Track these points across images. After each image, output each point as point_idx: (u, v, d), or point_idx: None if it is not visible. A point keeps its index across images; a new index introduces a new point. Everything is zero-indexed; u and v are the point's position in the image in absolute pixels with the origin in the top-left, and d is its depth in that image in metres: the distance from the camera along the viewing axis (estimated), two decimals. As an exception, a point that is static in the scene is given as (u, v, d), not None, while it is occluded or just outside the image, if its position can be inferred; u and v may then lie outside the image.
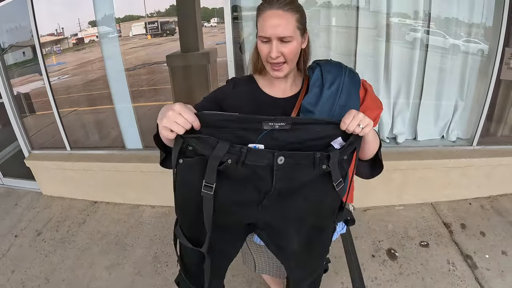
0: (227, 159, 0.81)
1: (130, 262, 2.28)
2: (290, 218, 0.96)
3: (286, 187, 0.88)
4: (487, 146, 2.75)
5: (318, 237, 1.06)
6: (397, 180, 2.65)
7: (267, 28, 0.94)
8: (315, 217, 0.98)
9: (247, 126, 0.84)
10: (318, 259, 1.15)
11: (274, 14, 0.94)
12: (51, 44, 2.99)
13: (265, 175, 0.85)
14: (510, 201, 2.76)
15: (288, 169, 0.85)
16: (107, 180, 2.86)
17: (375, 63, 2.59)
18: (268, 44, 0.97)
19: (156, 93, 3.65)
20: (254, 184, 0.87)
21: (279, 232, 0.99)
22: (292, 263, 1.11)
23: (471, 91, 2.74)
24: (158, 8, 3.23)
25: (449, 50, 2.65)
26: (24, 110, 3.20)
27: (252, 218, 0.95)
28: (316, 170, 0.88)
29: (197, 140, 0.81)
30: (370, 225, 2.53)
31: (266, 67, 1.03)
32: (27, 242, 2.54)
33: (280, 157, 0.83)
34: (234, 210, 0.92)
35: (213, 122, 0.82)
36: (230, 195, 0.88)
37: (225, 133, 0.82)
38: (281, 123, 0.83)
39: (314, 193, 0.93)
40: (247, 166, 0.83)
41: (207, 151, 0.81)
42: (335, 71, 1.04)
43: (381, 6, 2.46)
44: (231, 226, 0.98)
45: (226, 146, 0.80)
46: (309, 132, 0.87)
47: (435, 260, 2.19)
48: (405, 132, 2.82)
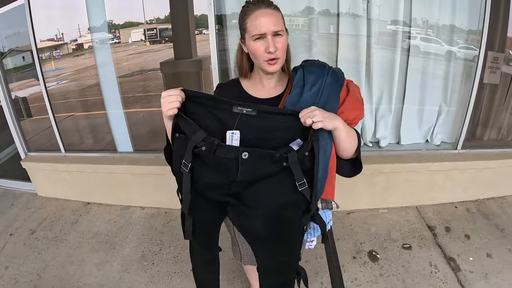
0: (201, 146, 0.97)
1: (119, 259, 2.35)
2: (255, 202, 1.06)
3: (250, 180, 1.01)
4: (472, 150, 2.77)
5: (285, 229, 1.12)
6: (381, 183, 2.67)
7: (261, 25, 1.02)
8: (278, 206, 1.06)
9: (219, 106, 1.00)
10: (285, 253, 1.19)
11: (265, 12, 1.03)
12: (50, 49, 3.08)
13: (232, 167, 0.98)
14: (497, 205, 2.78)
15: (252, 163, 0.97)
16: (99, 181, 2.94)
17: (356, 68, 2.64)
18: (262, 41, 1.04)
19: (151, 100, 3.73)
20: (223, 172, 1.00)
21: (244, 214, 1.08)
22: (259, 248, 1.19)
23: (455, 95, 2.78)
24: (157, 15, 3.31)
25: (431, 54, 2.69)
26: (22, 114, 3.30)
27: (223, 198, 1.07)
28: (278, 165, 0.97)
29: (184, 122, 0.98)
30: (353, 227, 2.55)
31: (262, 65, 1.09)
32: (22, 240, 2.62)
33: (244, 152, 0.96)
34: (208, 187, 1.06)
35: (193, 97, 1.00)
36: (203, 176, 1.03)
37: (209, 118, 1.00)
38: (248, 108, 0.98)
39: (278, 182, 1.01)
40: (217, 156, 0.97)
41: (189, 134, 0.98)
42: (317, 72, 1.10)
43: (361, 12, 2.52)
44: (208, 198, 1.09)
45: (202, 135, 0.96)
46: (275, 121, 0.98)
47: (417, 262, 2.21)
48: (388, 136, 2.85)
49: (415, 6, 2.53)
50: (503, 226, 2.52)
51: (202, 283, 1.46)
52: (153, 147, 3.04)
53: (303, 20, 2.56)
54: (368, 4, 2.49)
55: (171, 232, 2.60)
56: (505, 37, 2.70)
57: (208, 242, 1.28)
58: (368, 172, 2.60)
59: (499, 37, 2.68)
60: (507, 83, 2.85)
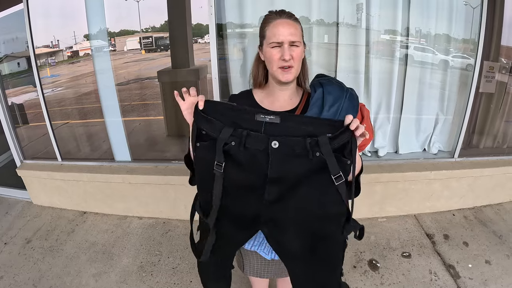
0: (231, 141, 0.93)
1: (116, 270, 2.32)
2: (290, 215, 0.98)
3: (283, 175, 0.94)
4: (469, 158, 2.81)
5: (323, 244, 1.03)
6: (379, 192, 2.69)
7: (280, 34, 1.05)
8: (317, 220, 0.99)
9: (241, 116, 0.96)
10: (326, 271, 1.09)
11: (285, 22, 1.07)
12: (46, 56, 3.06)
13: (262, 160, 0.93)
14: (494, 211, 2.81)
15: (283, 155, 0.92)
16: (96, 191, 2.91)
17: (355, 78, 2.67)
18: (279, 49, 1.06)
19: (148, 108, 3.71)
20: (253, 169, 0.95)
21: (279, 228, 1.02)
22: (297, 268, 1.09)
23: (452, 104, 2.81)
24: (153, 24, 3.30)
25: (428, 64, 2.73)
26: (17, 121, 3.26)
27: (254, 207, 0.99)
28: (311, 157, 0.91)
29: (207, 124, 0.97)
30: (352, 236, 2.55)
31: (276, 74, 1.10)
32: (17, 249, 2.58)
33: (274, 141, 0.91)
34: (240, 194, 0.99)
35: (216, 108, 0.99)
36: (235, 177, 0.97)
37: (231, 124, 0.95)
38: (271, 116, 0.93)
39: (313, 189, 0.94)
40: (248, 149, 0.93)
41: (215, 134, 0.95)
42: (336, 93, 1.09)
43: (360, 22, 2.55)
44: (238, 214, 1.03)
45: (230, 130, 0.93)
46: (298, 130, 0.92)
47: (417, 270, 2.22)
48: (386, 145, 2.87)
49: (413, 17, 2.57)
50: (500, 233, 2.55)
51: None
52: (151, 156, 3.02)
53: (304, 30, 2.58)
54: (367, 14, 2.52)
55: (169, 243, 2.57)
56: (499, 46, 2.75)
57: (223, 259, 1.19)
58: (366, 182, 2.60)
59: (494, 47, 2.73)
60: (502, 91, 2.90)
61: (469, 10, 2.59)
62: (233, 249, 1.17)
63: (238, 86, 2.61)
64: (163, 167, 2.83)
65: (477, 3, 2.52)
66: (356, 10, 2.53)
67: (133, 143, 3.06)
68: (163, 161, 2.90)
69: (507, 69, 2.87)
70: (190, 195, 2.81)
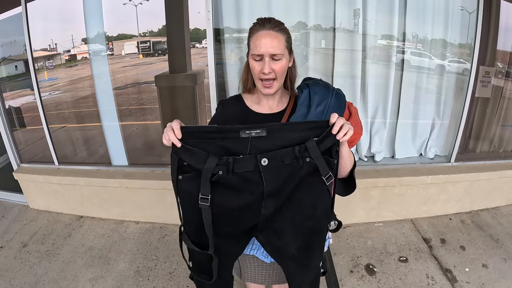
0: (218, 171, 0.89)
1: (113, 275, 2.31)
2: (286, 222, 0.99)
3: (278, 188, 0.93)
4: (465, 162, 2.82)
5: (316, 241, 1.08)
6: (376, 197, 2.69)
7: (261, 46, 1.04)
8: (311, 220, 1.01)
9: (226, 135, 0.91)
10: (316, 261, 1.15)
11: (267, 34, 1.05)
12: (43, 59, 3.06)
13: (256, 178, 0.92)
14: (491, 215, 2.82)
15: (275, 169, 0.91)
16: (93, 195, 2.90)
17: (352, 83, 2.68)
18: (260, 62, 1.06)
19: (145, 113, 3.71)
20: (248, 189, 0.93)
21: (276, 234, 1.02)
22: (292, 267, 1.11)
23: (448, 108, 2.83)
24: (151, 28, 3.31)
25: (424, 69, 2.75)
26: (14, 124, 3.25)
27: (250, 222, 0.99)
28: (301, 164, 0.92)
29: (188, 155, 0.90)
30: (349, 241, 2.56)
31: (258, 84, 1.11)
32: (13, 253, 2.56)
33: (263, 159, 0.90)
34: (233, 215, 0.97)
35: (196, 134, 0.91)
36: (227, 203, 0.94)
37: (216, 148, 0.90)
38: (257, 130, 0.90)
39: (306, 193, 0.97)
40: (237, 174, 0.90)
41: (199, 165, 0.89)
42: (323, 92, 1.11)
43: (357, 28, 2.57)
44: (233, 231, 1.01)
45: (215, 159, 0.88)
46: (285, 138, 0.92)
47: (414, 274, 2.22)
48: (382, 150, 2.88)
49: (409, 22, 2.59)
50: (497, 237, 2.56)
51: None
52: (148, 161, 3.01)
53: (300, 35, 2.60)
54: (364, 19, 2.53)
55: (166, 248, 2.57)
56: (495, 51, 2.77)
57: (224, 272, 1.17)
58: (363, 186, 2.62)
59: (490, 52, 2.75)
60: (498, 96, 2.92)
61: (465, 15, 2.61)
62: (231, 261, 1.15)
63: (235, 91, 2.60)
64: (160, 172, 2.83)
65: (473, 8, 2.55)
66: (353, 15, 2.54)
67: (130, 148, 3.06)
68: (160, 166, 2.90)
69: (503, 74, 2.89)
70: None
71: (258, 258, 1.29)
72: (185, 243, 1.06)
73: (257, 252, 1.27)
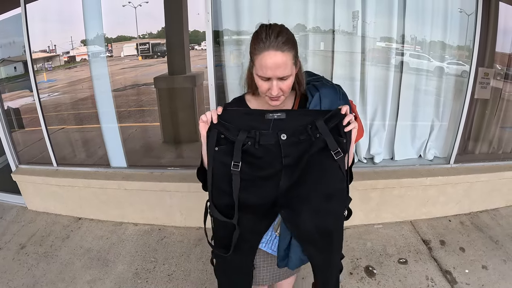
0: (248, 141, 1.07)
1: (111, 277, 2.30)
2: (302, 197, 1.11)
3: (295, 161, 1.09)
4: (464, 164, 2.82)
5: (333, 224, 1.18)
6: (375, 199, 2.69)
7: (267, 70, 1.00)
8: (325, 198, 1.12)
9: (254, 116, 1.10)
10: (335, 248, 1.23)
11: (273, 56, 0.98)
12: (42, 60, 3.06)
13: (276, 151, 1.07)
14: (490, 217, 2.82)
15: (292, 144, 1.08)
16: (91, 197, 2.89)
17: (351, 85, 2.68)
18: (267, 82, 1.04)
19: (144, 114, 3.71)
20: (270, 160, 1.09)
21: (294, 210, 1.14)
22: (312, 249, 1.20)
23: (447, 110, 2.83)
24: (150, 30, 3.31)
25: (423, 70, 2.76)
26: (13, 125, 3.24)
27: (272, 194, 1.12)
28: (313, 139, 1.07)
29: (224, 129, 1.09)
30: (348, 243, 2.55)
31: (265, 98, 1.11)
32: (11, 255, 2.55)
33: (282, 134, 1.07)
34: (258, 185, 1.11)
35: (231, 113, 1.12)
36: (253, 172, 1.09)
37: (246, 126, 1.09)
38: (278, 113, 1.08)
39: (319, 168, 1.09)
40: (262, 145, 1.08)
41: (233, 137, 1.08)
42: (331, 96, 1.16)
43: (356, 30, 2.57)
44: (258, 204, 1.14)
45: (246, 133, 1.07)
46: (301, 120, 1.08)
47: (413, 276, 2.22)
48: (382, 152, 2.88)
49: (408, 24, 2.59)
50: (497, 238, 2.55)
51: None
52: (147, 163, 3.01)
53: (299, 37, 2.60)
54: (363, 22, 2.54)
55: (165, 250, 2.56)
56: (494, 53, 2.78)
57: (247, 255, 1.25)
58: (362, 188, 2.63)
59: (489, 53, 2.76)
60: (497, 97, 2.92)
61: (463, 17, 2.62)
62: (255, 240, 1.23)
63: (234, 93, 2.61)
64: (158, 174, 2.82)
65: (472, 10, 2.55)
66: (352, 17, 2.55)
67: (129, 149, 3.05)
68: (159, 168, 2.90)
69: (501, 76, 2.90)
70: (186, 201, 2.80)
71: (263, 254, 1.34)
72: (211, 214, 1.19)
73: (265, 246, 1.31)
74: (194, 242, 2.63)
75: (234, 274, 1.32)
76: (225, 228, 1.16)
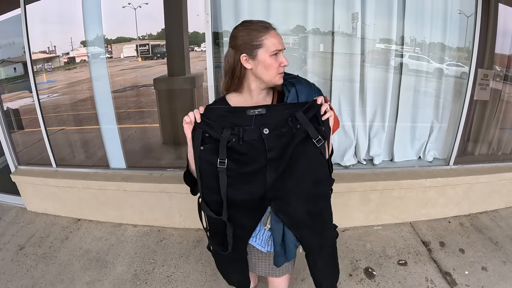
0: (232, 138, 1.13)
1: (110, 279, 2.29)
2: (290, 187, 1.18)
3: (279, 154, 1.15)
4: (464, 165, 2.82)
5: (323, 206, 1.28)
6: (375, 200, 2.69)
7: (278, 42, 1.18)
8: (313, 185, 1.20)
9: (236, 114, 1.16)
10: (329, 230, 1.34)
11: (276, 33, 1.20)
12: (42, 61, 3.05)
13: (260, 146, 1.14)
14: (490, 218, 2.82)
15: (274, 138, 1.14)
16: (90, 198, 2.89)
17: (350, 87, 2.69)
18: (275, 57, 1.18)
19: (143, 115, 3.70)
20: (255, 155, 1.14)
21: (284, 201, 1.20)
22: (305, 231, 1.27)
23: (446, 112, 2.83)
24: (149, 31, 3.31)
25: (423, 72, 2.76)
26: (12, 126, 3.24)
27: (259, 189, 1.18)
28: (294, 131, 1.14)
29: (209, 127, 1.14)
30: (348, 245, 2.55)
31: (274, 79, 1.22)
32: (10, 256, 2.55)
33: (264, 128, 1.13)
34: (245, 180, 1.17)
35: (214, 111, 1.17)
36: (239, 168, 1.15)
37: (229, 123, 1.14)
38: (259, 109, 1.14)
39: (303, 157, 1.16)
40: (246, 142, 1.13)
41: (217, 134, 1.13)
42: (307, 91, 1.26)
43: (356, 31, 2.58)
44: (247, 199, 1.20)
45: (229, 130, 1.13)
46: (281, 114, 1.15)
47: (413, 278, 2.22)
48: (381, 153, 2.88)
49: (408, 26, 2.60)
50: (496, 239, 2.55)
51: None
52: (146, 164, 3.00)
53: (298, 39, 2.61)
54: (362, 23, 2.54)
55: (164, 251, 2.55)
56: (493, 54, 2.78)
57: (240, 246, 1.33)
58: (362, 190, 2.62)
59: (488, 55, 2.76)
60: (497, 99, 2.92)
61: (463, 19, 2.62)
62: (246, 234, 1.31)
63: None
64: (158, 175, 2.82)
65: (471, 12, 2.56)
66: (351, 19, 2.55)
67: (128, 151, 3.05)
68: (158, 169, 2.89)
69: (501, 77, 2.90)
70: (185, 203, 2.80)
71: (256, 249, 1.39)
72: (203, 211, 1.25)
73: (255, 241, 1.36)
74: (194, 243, 2.62)
75: (230, 265, 1.44)
76: (218, 225, 1.23)
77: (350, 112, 2.75)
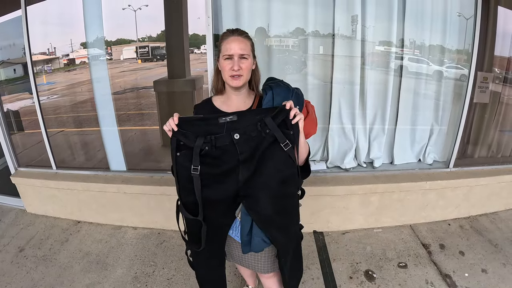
0: (205, 147, 1.21)
1: (110, 281, 2.29)
2: (259, 186, 1.25)
3: (250, 156, 1.22)
4: (463, 168, 2.83)
5: (290, 203, 1.35)
6: (375, 203, 2.69)
7: (231, 48, 1.27)
8: (280, 183, 1.26)
9: (208, 122, 1.23)
10: (295, 226, 1.42)
11: (236, 39, 1.29)
12: (42, 63, 3.05)
13: (233, 150, 1.21)
14: (489, 221, 2.83)
15: (245, 141, 1.21)
16: (90, 200, 2.88)
17: (350, 90, 2.69)
18: (230, 61, 1.28)
19: (143, 118, 3.70)
20: (228, 158, 1.22)
21: (254, 199, 1.27)
22: (273, 230, 1.34)
23: (446, 114, 2.83)
24: (149, 33, 3.31)
25: (423, 75, 2.77)
26: (12, 128, 3.24)
27: (233, 187, 1.25)
28: (263, 135, 1.21)
29: (183, 137, 1.22)
30: (348, 247, 2.55)
31: (227, 80, 1.32)
32: (9, 258, 2.55)
33: (235, 134, 1.21)
34: (219, 181, 1.24)
35: (188, 121, 1.24)
36: (213, 170, 1.23)
37: (202, 132, 1.22)
38: (230, 116, 1.23)
39: (271, 159, 1.23)
40: (219, 148, 1.21)
41: (191, 143, 1.21)
42: (284, 93, 1.32)
43: (355, 34, 2.58)
44: (221, 198, 1.27)
45: (202, 139, 1.20)
46: (251, 120, 1.23)
47: (413, 280, 2.22)
48: (381, 156, 2.88)
49: (407, 28, 2.60)
50: (496, 242, 2.56)
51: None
52: (146, 166, 2.99)
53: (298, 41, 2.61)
54: (362, 26, 2.54)
55: (164, 253, 2.55)
56: (493, 57, 2.79)
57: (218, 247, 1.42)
58: (362, 192, 2.63)
59: (488, 57, 2.77)
60: (496, 101, 2.93)
61: (462, 21, 2.63)
62: (222, 232, 1.38)
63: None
64: (158, 177, 2.82)
65: (471, 14, 2.57)
66: (351, 21, 2.56)
67: (129, 153, 3.05)
68: (159, 171, 2.89)
69: (500, 79, 2.91)
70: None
71: (233, 239, 1.45)
72: (181, 213, 1.32)
73: (232, 233, 1.43)
74: (194, 245, 2.62)
75: (207, 264, 1.48)
76: (194, 225, 1.31)
77: (350, 115, 2.76)
